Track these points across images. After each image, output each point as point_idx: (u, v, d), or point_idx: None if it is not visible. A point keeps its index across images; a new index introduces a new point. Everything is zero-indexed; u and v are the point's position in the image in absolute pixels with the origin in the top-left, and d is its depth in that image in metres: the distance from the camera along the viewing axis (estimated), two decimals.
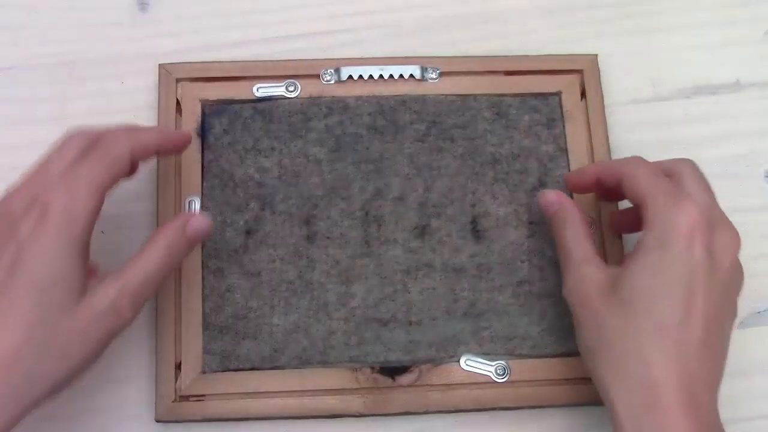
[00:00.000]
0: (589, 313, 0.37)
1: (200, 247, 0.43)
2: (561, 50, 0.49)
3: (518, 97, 0.47)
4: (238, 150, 0.45)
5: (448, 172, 0.45)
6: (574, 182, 0.43)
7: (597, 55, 0.48)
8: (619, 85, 0.49)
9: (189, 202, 0.44)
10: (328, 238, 0.44)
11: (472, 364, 0.43)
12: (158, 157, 0.43)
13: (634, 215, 0.40)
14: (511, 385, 0.42)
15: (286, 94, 0.46)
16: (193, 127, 0.45)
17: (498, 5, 0.51)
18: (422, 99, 0.47)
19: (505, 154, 0.46)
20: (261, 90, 0.46)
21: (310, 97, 0.46)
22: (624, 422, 0.34)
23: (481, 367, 0.43)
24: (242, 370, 0.42)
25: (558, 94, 0.47)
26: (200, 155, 0.45)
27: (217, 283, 0.43)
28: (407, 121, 0.46)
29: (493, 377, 0.42)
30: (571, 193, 0.45)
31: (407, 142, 0.46)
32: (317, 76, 0.47)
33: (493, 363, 0.43)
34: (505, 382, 0.42)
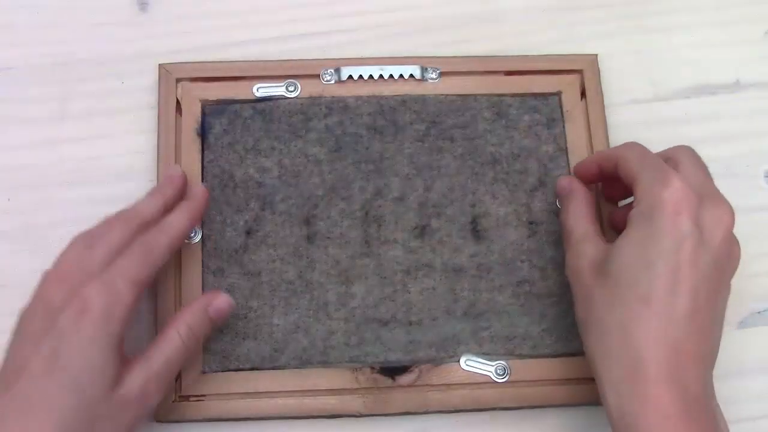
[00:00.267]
0: (581, 288, 0.38)
1: (200, 247, 0.43)
2: (561, 50, 0.49)
3: (518, 97, 0.47)
4: (238, 150, 0.45)
5: (448, 172, 0.45)
6: (579, 173, 0.44)
7: (597, 55, 0.48)
8: (619, 85, 0.49)
9: None
10: (328, 238, 0.44)
11: (472, 364, 0.43)
12: None
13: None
14: (511, 385, 0.42)
15: (286, 94, 0.46)
16: (193, 127, 0.45)
17: (498, 5, 0.51)
18: (422, 99, 0.47)
19: (505, 154, 0.46)
20: (261, 90, 0.46)
21: (310, 97, 0.46)
22: (607, 392, 0.35)
23: (481, 367, 0.43)
24: (242, 370, 0.42)
25: (558, 94, 0.47)
26: (200, 155, 0.45)
27: (217, 283, 0.43)
28: (407, 121, 0.46)
29: (493, 377, 0.42)
30: None
31: (407, 142, 0.46)
32: (317, 76, 0.47)
33: (493, 363, 0.43)
34: (505, 382, 0.42)
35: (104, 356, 0.35)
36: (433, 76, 0.47)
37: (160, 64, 0.46)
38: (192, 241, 0.43)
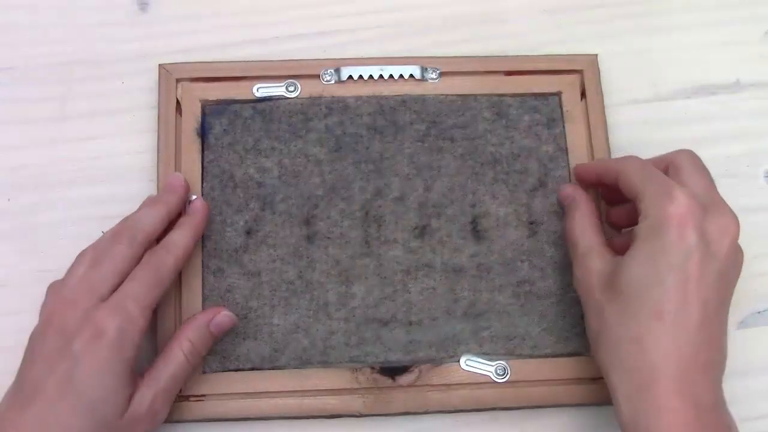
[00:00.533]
0: (592, 303, 0.39)
1: (200, 247, 0.43)
2: (561, 50, 0.49)
3: (518, 97, 0.47)
4: (238, 150, 0.45)
5: (448, 172, 0.45)
6: (579, 177, 0.44)
7: (597, 55, 0.48)
8: (619, 85, 0.49)
9: (189, 203, 0.44)
10: (328, 238, 0.44)
11: (472, 364, 0.43)
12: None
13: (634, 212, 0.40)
14: (511, 385, 0.42)
15: (286, 94, 0.46)
16: (193, 127, 0.45)
17: (498, 5, 0.51)
18: (422, 99, 0.47)
19: (505, 154, 0.46)
20: (261, 90, 0.46)
21: (310, 97, 0.46)
22: (622, 404, 0.36)
23: (481, 367, 0.43)
24: (242, 370, 0.42)
25: (558, 94, 0.47)
26: (200, 155, 0.45)
27: (217, 283, 0.43)
28: (407, 121, 0.46)
29: (493, 377, 0.42)
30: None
31: (407, 142, 0.46)
32: (317, 76, 0.47)
33: (493, 363, 0.43)
34: (505, 382, 0.42)
35: (118, 380, 0.36)
36: (433, 76, 0.47)
37: (160, 64, 0.46)
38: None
